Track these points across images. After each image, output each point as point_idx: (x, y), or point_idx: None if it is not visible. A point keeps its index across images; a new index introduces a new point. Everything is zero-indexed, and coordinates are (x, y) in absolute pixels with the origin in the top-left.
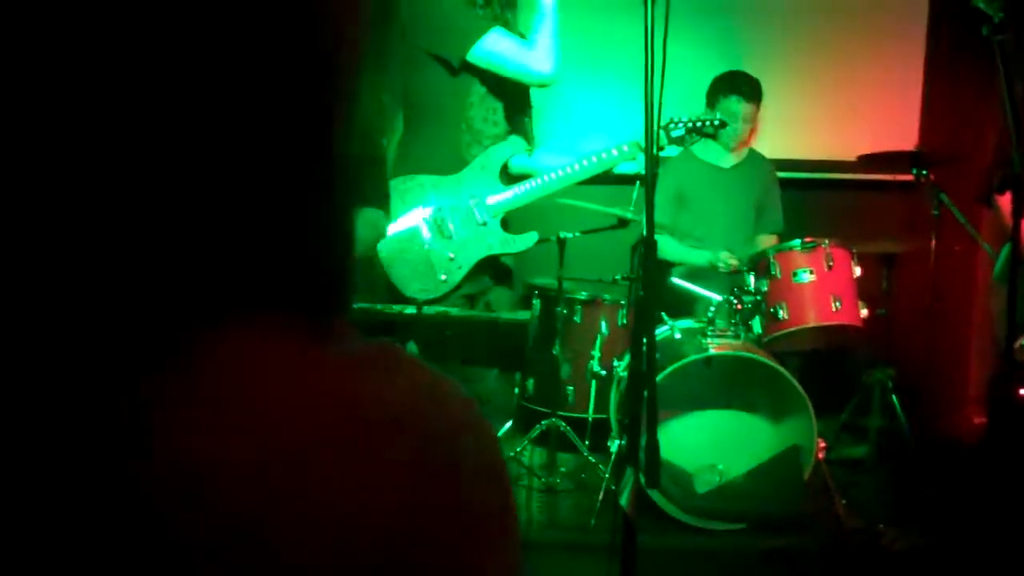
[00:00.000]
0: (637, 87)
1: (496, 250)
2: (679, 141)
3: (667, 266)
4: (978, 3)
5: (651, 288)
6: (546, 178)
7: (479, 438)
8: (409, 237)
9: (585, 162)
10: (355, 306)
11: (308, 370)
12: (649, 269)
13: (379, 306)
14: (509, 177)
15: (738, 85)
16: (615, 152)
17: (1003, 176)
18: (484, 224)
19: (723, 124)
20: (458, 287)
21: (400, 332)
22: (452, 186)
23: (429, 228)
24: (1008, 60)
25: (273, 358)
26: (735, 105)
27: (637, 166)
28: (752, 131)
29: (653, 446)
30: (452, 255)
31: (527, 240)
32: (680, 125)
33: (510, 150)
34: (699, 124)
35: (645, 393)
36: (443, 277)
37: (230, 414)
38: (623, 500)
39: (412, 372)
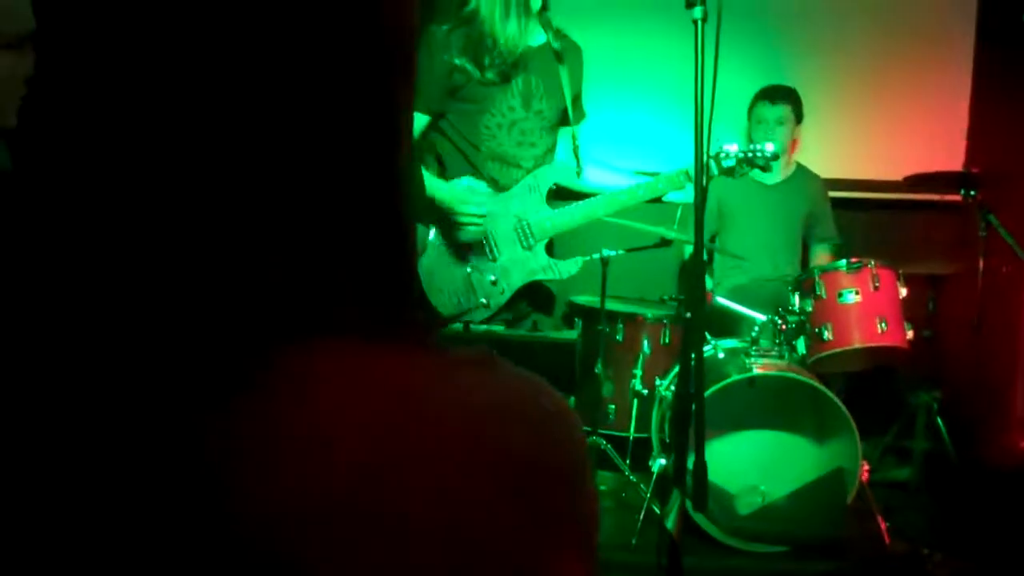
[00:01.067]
0: (679, 103)
1: (539, 276)
2: (729, 172)
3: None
4: None
5: (698, 309)
6: (594, 203)
7: (572, 436)
8: (452, 254)
9: (635, 189)
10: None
11: (406, 375)
12: (696, 290)
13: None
14: (557, 199)
15: (766, 91)
16: (664, 182)
17: None
18: (529, 248)
19: (775, 156)
20: (498, 312)
21: None
22: (499, 206)
23: (474, 248)
24: None
25: (366, 367)
26: (763, 110)
27: (684, 195)
28: (794, 143)
29: (701, 469)
30: (495, 279)
31: (571, 266)
32: (731, 156)
33: (558, 172)
34: (751, 155)
35: (693, 414)
36: (484, 301)
37: (328, 429)
38: (669, 522)
39: (508, 375)
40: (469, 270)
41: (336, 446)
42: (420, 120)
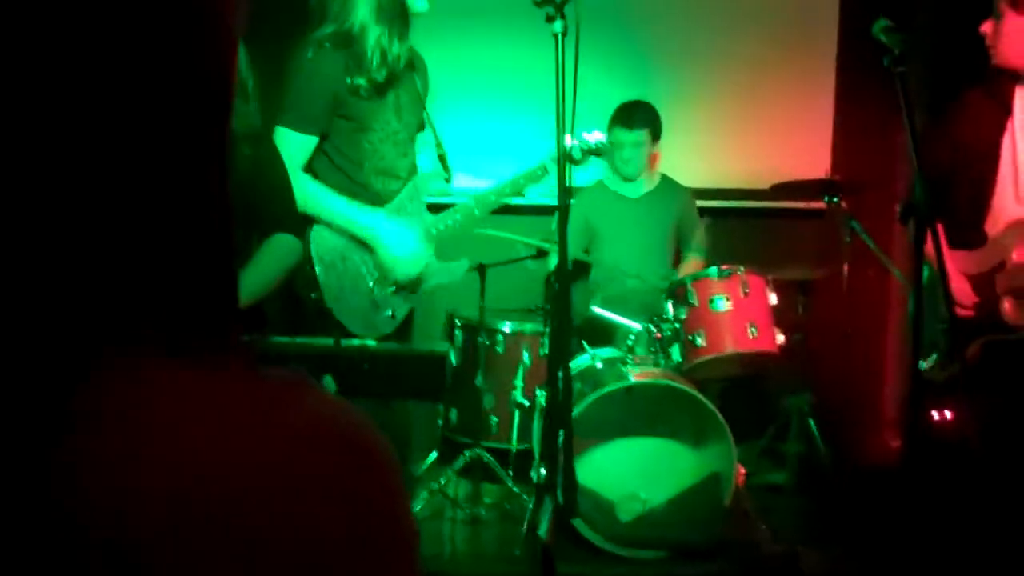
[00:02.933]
0: (543, 113)
1: (435, 280)
2: (576, 163)
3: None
4: (879, 35)
5: (564, 319)
6: (468, 203)
7: (382, 466)
8: (353, 276)
9: (502, 187)
10: (271, 339)
11: (210, 398)
12: (562, 300)
13: (296, 339)
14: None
15: (622, 116)
16: (525, 176)
17: (905, 204)
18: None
19: (609, 146)
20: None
21: (317, 365)
22: (387, 218)
23: (372, 263)
24: (909, 91)
25: (170, 390)
26: (620, 135)
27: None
28: (653, 158)
29: (570, 476)
30: (395, 289)
31: (460, 267)
32: (575, 147)
33: (433, 179)
34: (593, 145)
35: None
36: (390, 314)
37: (133, 445)
38: (542, 530)
39: (316, 399)
40: (371, 284)
41: (139, 473)
42: (309, 142)
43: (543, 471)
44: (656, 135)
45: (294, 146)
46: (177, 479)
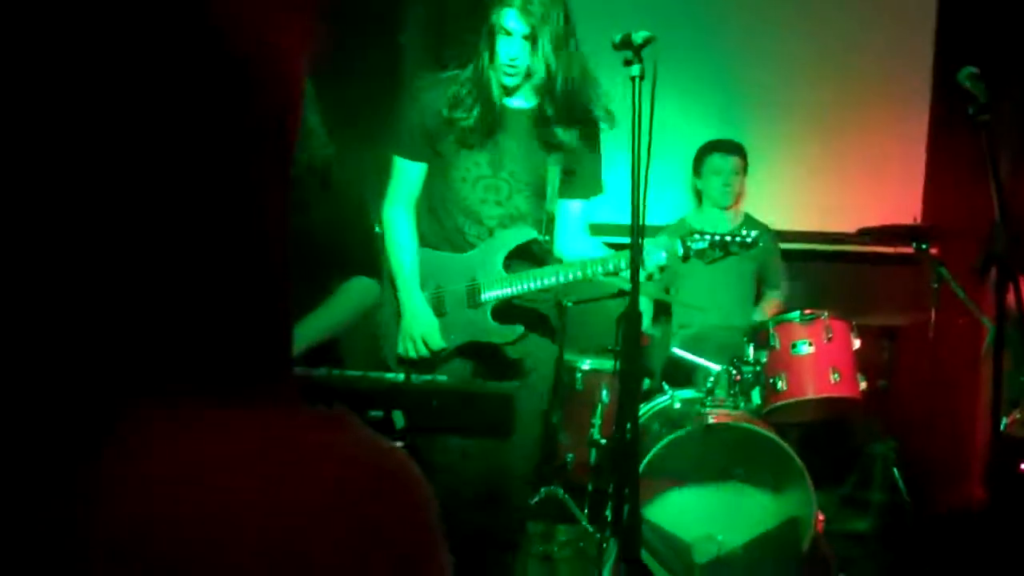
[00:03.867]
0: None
1: (478, 338)
2: (700, 255)
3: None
4: (964, 82)
5: (633, 360)
6: (543, 273)
7: (421, 503)
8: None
9: (587, 265)
10: (340, 373)
11: (248, 439)
12: (632, 341)
13: (366, 373)
14: (515, 264)
15: (717, 144)
16: (618, 267)
17: (987, 254)
18: (475, 307)
19: (755, 243)
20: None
21: (387, 400)
22: (457, 266)
23: (400, 336)
24: (994, 140)
25: (212, 425)
26: (718, 160)
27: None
28: (740, 194)
29: (633, 516)
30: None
31: (511, 333)
32: (704, 238)
33: (517, 237)
34: (727, 239)
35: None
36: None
37: (172, 488)
38: (606, 572)
39: (356, 439)
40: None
41: (180, 506)
42: (418, 169)
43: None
44: (746, 166)
45: (398, 174)
46: (206, 518)
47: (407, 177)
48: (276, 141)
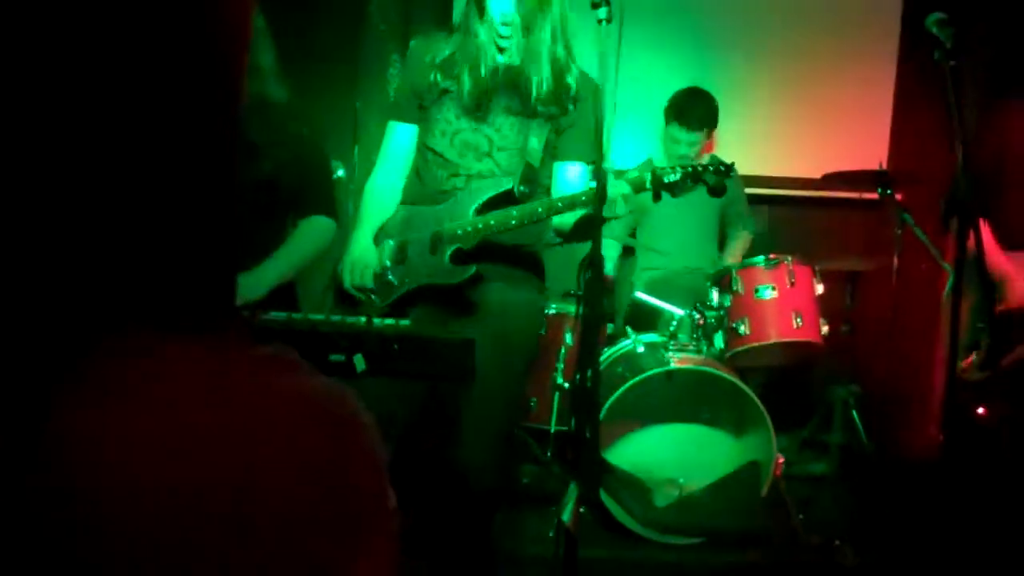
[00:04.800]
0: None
1: (433, 280)
2: (671, 188)
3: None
4: (931, 28)
5: (595, 304)
6: (505, 214)
7: (364, 444)
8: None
9: (552, 207)
10: (302, 316)
11: (200, 375)
12: (594, 285)
13: (327, 316)
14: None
15: (683, 113)
16: (583, 199)
17: (948, 201)
18: (434, 253)
19: (729, 169)
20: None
21: (349, 343)
22: (426, 218)
23: (390, 255)
24: (960, 87)
25: (171, 361)
26: (677, 132)
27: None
28: (707, 148)
29: (593, 459)
30: (400, 280)
31: (462, 272)
32: (676, 170)
33: (492, 187)
34: (699, 168)
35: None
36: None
37: (132, 413)
38: (565, 515)
39: (303, 378)
40: (379, 270)
41: (139, 440)
42: (412, 131)
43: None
44: (712, 130)
45: (393, 138)
46: (163, 451)
47: (401, 141)
48: (224, 77)
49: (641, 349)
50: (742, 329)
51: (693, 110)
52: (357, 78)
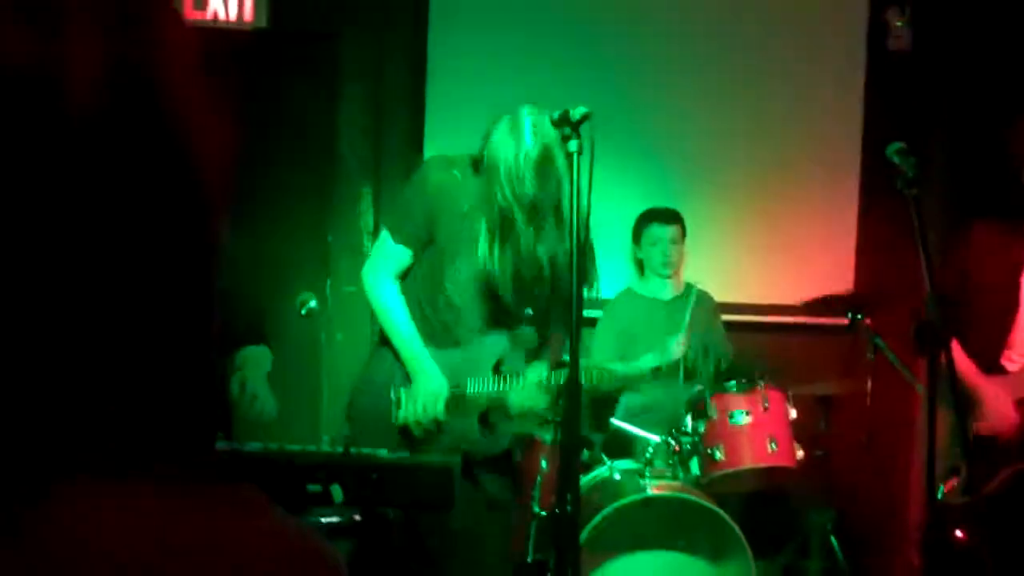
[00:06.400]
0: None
1: (466, 447)
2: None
3: (606, 407)
4: (893, 158)
5: (574, 432)
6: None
7: None
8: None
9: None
10: (278, 447)
11: (158, 518)
12: (572, 412)
13: (304, 447)
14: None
15: (655, 214)
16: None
17: (918, 324)
18: (463, 416)
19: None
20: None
21: (326, 473)
22: (442, 363)
23: (404, 401)
24: (922, 214)
25: (120, 510)
26: (657, 231)
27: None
28: (681, 260)
29: None
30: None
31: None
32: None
33: (499, 349)
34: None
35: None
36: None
37: (87, 570)
38: None
39: (265, 516)
40: (394, 421)
41: None
42: (405, 254)
43: None
44: (684, 233)
45: (386, 249)
46: None
47: (393, 256)
48: (205, 222)
49: (617, 476)
50: (717, 455)
51: (662, 210)
52: (328, 212)
